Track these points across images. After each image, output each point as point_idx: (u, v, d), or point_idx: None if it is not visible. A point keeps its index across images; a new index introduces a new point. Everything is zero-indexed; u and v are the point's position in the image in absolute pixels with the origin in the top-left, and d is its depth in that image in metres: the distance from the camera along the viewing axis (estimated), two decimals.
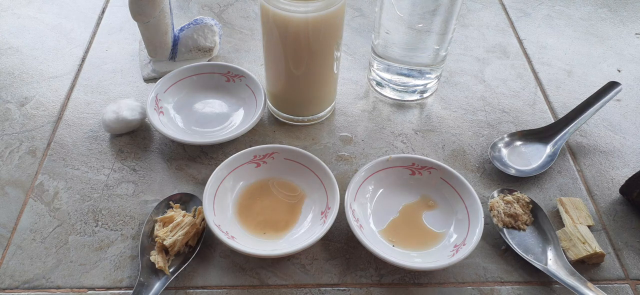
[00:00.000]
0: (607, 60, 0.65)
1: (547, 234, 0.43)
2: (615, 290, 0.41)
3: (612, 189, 0.49)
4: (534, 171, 0.49)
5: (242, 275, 0.41)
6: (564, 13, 0.73)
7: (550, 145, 0.51)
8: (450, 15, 0.49)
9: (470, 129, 0.55)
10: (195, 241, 0.42)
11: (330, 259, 0.42)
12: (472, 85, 0.60)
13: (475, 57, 0.64)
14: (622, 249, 0.44)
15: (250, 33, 0.66)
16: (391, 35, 0.52)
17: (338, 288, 0.41)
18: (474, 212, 0.43)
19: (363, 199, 0.45)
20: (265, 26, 0.46)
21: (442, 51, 0.53)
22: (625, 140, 0.55)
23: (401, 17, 0.50)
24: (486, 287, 0.41)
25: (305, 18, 0.43)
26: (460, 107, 0.57)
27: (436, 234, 0.43)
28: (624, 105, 0.59)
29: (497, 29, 0.69)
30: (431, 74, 0.55)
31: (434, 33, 0.50)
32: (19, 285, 0.40)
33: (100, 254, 0.42)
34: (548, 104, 0.59)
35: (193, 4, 0.70)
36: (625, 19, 0.72)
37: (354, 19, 0.70)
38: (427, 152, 0.52)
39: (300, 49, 0.46)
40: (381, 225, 0.44)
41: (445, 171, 0.46)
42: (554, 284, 0.41)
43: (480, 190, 0.48)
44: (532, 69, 0.63)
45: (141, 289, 0.38)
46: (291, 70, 0.48)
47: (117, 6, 0.70)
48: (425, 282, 0.41)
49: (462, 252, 0.40)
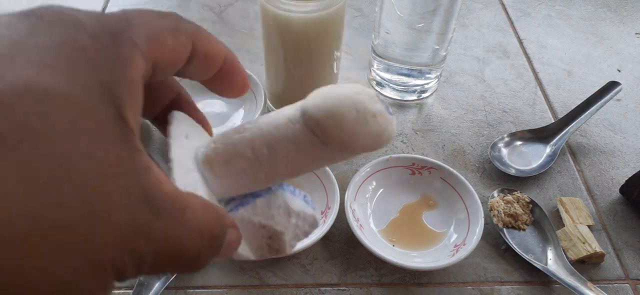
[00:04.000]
0: (607, 60, 0.65)
1: (547, 234, 0.43)
2: (615, 290, 0.41)
3: (612, 188, 0.49)
4: (534, 171, 0.49)
5: (242, 275, 0.41)
6: (564, 13, 0.73)
7: (550, 145, 0.51)
8: (450, 15, 0.49)
9: (470, 129, 0.55)
10: None
11: (330, 259, 0.42)
12: (472, 85, 0.60)
13: (475, 57, 0.64)
14: (622, 249, 0.44)
15: (250, 33, 0.66)
16: (391, 35, 0.52)
17: (338, 288, 0.41)
18: (474, 212, 0.43)
19: (363, 199, 0.45)
20: (265, 26, 0.46)
21: (442, 51, 0.53)
22: (625, 140, 0.55)
23: (401, 17, 0.49)
24: (486, 287, 0.41)
25: (305, 18, 0.43)
26: (460, 107, 0.57)
27: (436, 233, 0.43)
28: (624, 105, 0.59)
29: (497, 29, 0.69)
30: (431, 74, 0.55)
31: (434, 33, 0.50)
32: None
33: None
34: (548, 103, 0.59)
35: (193, 3, 0.70)
36: (625, 18, 0.72)
37: (354, 19, 0.70)
38: (427, 152, 0.52)
39: (300, 49, 0.46)
40: (381, 225, 0.44)
41: (445, 171, 0.46)
42: (554, 284, 0.41)
43: (480, 190, 0.48)
44: (532, 68, 0.63)
45: (141, 289, 0.38)
46: (291, 70, 0.48)
47: (117, 6, 0.70)
48: (425, 282, 0.41)
49: (462, 252, 0.40)
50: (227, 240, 0.18)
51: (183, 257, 0.16)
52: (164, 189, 0.15)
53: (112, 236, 0.13)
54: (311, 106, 0.17)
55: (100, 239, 0.13)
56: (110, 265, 0.13)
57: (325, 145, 0.17)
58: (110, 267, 0.13)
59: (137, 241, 0.14)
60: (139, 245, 0.14)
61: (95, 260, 0.13)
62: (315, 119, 0.17)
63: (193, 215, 0.16)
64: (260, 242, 0.20)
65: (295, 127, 0.17)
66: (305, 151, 0.17)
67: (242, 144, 0.18)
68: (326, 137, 0.17)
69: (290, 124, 0.17)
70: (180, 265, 0.16)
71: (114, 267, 0.13)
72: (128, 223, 0.13)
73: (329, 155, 0.18)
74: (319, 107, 0.17)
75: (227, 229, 0.18)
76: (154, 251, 0.14)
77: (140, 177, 0.14)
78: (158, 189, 0.15)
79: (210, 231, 0.16)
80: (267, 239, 0.20)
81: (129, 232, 0.13)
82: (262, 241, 0.20)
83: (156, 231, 0.14)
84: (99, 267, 0.13)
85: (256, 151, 0.18)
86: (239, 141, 0.18)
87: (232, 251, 0.18)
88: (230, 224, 0.18)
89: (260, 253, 0.20)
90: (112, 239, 0.13)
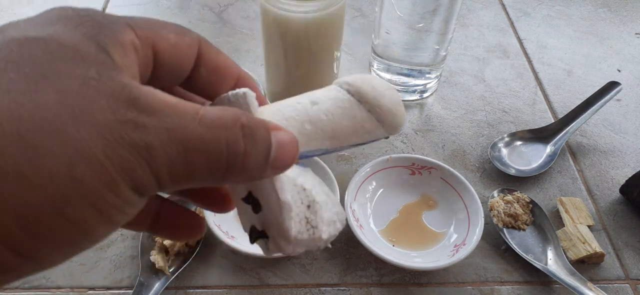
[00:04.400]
0: (607, 60, 0.65)
1: (547, 234, 0.43)
2: (615, 290, 0.41)
3: (612, 188, 0.49)
4: (534, 171, 0.49)
5: (242, 275, 0.41)
6: (564, 13, 0.73)
7: (550, 145, 0.51)
8: (450, 15, 0.49)
9: (470, 129, 0.55)
10: (195, 241, 0.42)
11: (330, 259, 0.42)
12: (472, 85, 0.60)
13: (475, 57, 0.64)
14: (622, 249, 0.44)
15: (250, 33, 0.66)
16: (391, 35, 0.52)
17: (338, 288, 0.41)
18: (474, 212, 0.43)
19: (363, 199, 0.45)
20: (265, 26, 0.46)
21: (442, 51, 0.53)
22: (625, 140, 0.55)
23: (401, 16, 0.49)
24: (486, 287, 0.41)
25: (305, 18, 0.43)
26: (460, 107, 0.57)
27: (436, 233, 0.43)
28: (624, 105, 0.59)
29: (497, 29, 0.69)
30: (431, 74, 0.55)
31: (434, 33, 0.50)
32: (19, 285, 0.40)
33: (100, 254, 0.42)
34: (548, 103, 0.59)
35: (193, 3, 0.70)
36: (625, 19, 0.72)
37: (354, 19, 0.70)
38: (427, 152, 0.52)
39: (300, 49, 0.46)
40: (381, 225, 0.44)
41: (445, 171, 0.46)
42: (554, 284, 0.41)
43: (480, 190, 0.48)
44: (532, 68, 0.63)
45: (141, 289, 0.38)
46: (291, 70, 0.48)
47: (117, 6, 0.70)
48: (425, 282, 0.41)
49: (462, 252, 0.40)
50: (279, 140, 0.17)
51: (210, 151, 0.15)
52: (155, 95, 0.15)
53: (97, 129, 0.13)
54: (347, 78, 0.21)
55: (85, 132, 0.13)
56: (107, 160, 0.13)
57: (360, 104, 0.21)
58: (108, 162, 0.13)
59: (128, 133, 0.14)
60: (132, 137, 0.14)
61: (85, 152, 0.13)
62: (350, 81, 0.21)
63: (207, 111, 0.15)
64: (300, 210, 0.19)
65: (334, 92, 0.21)
66: (343, 107, 0.20)
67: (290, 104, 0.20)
68: (360, 95, 0.21)
69: (330, 90, 0.21)
70: (215, 161, 0.15)
71: (113, 163, 0.14)
72: (114, 119, 0.14)
73: (362, 115, 0.21)
74: (354, 77, 0.21)
75: (265, 126, 0.17)
76: (160, 144, 0.14)
77: (125, 88, 0.14)
78: (146, 94, 0.15)
79: (234, 119, 0.16)
80: (306, 210, 0.19)
81: (115, 125, 0.14)
82: (302, 209, 0.19)
83: (153, 123, 0.14)
84: (92, 159, 0.13)
85: (303, 105, 0.20)
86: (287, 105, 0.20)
87: (290, 157, 0.17)
88: (272, 127, 0.17)
89: (298, 229, 0.19)
90: (97, 132, 0.13)
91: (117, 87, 0.14)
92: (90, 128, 0.13)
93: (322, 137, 0.20)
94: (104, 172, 0.14)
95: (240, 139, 0.16)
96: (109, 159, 0.14)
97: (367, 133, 0.21)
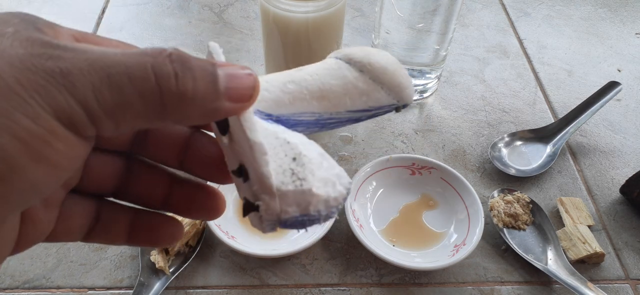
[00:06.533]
0: (607, 60, 0.65)
1: (547, 233, 0.43)
2: (615, 290, 0.41)
3: (612, 188, 0.49)
4: (534, 171, 0.49)
5: (242, 275, 0.41)
6: (564, 13, 0.73)
7: (550, 145, 0.51)
8: (451, 15, 0.49)
9: (471, 129, 0.55)
10: (195, 241, 0.42)
11: (330, 259, 0.42)
12: (472, 85, 0.60)
13: (475, 57, 0.64)
14: (622, 249, 0.44)
15: (250, 33, 0.66)
16: (391, 35, 0.52)
17: (338, 288, 0.41)
18: (474, 212, 0.43)
19: (363, 199, 0.45)
20: (265, 26, 0.46)
21: (442, 51, 0.53)
22: (625, 140, 0.55)
23: (401, 17, 0.50)
24: (486, 287, 0.41)
25: (305, 18, 0.43)
26: (460, 107, 0.57)
27: (436, 233, 0.43)
28: (624, 105, 0.59)
29: (497, 29, 0.69)
30: (431, 74, 0.55)
31: (434, 33, 0.50)
32: (19, 285, 0.40)
33: (100, 254, 0.42)
34: (548, 103, 0.59)
35: (193, 3, 0.70)
36: (625, 19, 0.72)
37: (354, 19, 0.70)
38: (427, 152, 0.52)
39: (300, 49, 0.46)
40: (381, 225, 0.44)
41: (446, 171, 0.46)
42: (554, 284, 0.41)
43: (480, 190, 0.48)
44: (532, 68, 0.63)
45: (141, 289, 0.38)
46: None
47: (117, 6, 0.70)
48: (425, 282, 0.41)
49: (462, 252, 0.40)
50: (229, 72, 0.16)
51: (135, 74, 0.14)
52: (72, 41, 0.15)
53: (6, 60, 0.13)
54: (347, 51, 0.20)
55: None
56: (18, 85, 0.13)
57: (362, 73, 0.20)
58: (19, 87, 0.13)
59: (42, 63, 0.14)
60: (46, 65, 0.14)
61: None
62: (342, 51, 0.20)
63: (126, 45, 0.16)
64: (283, 162, 0.17)
65: (331, 61, 0.20)
66: (331, 68, 0.20)
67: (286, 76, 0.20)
68: (349, 57, 0.20)
69: (326, 61, 0.20)
70: (144, 85, 0.14)
71: (25, 88, 0.13)
72: (24, 53, 0.14)
73: (352, 74, 0.20)
74: (353, 49, 0.20)
75: (208, 61, 0.16)
76: (79, 71, 0.14)
77: (44, 37, 0.14)
78: (67, 41, 0.15)
79: (160, 50, 0.15)
80: (291, 161, 0.17)
81: (26, 57, 0.14)
82: (285, 161, 0.17)
83: (69, 55, 0.14)
84: (4, 89, 0.13)
85: (299, 75, 0.19)
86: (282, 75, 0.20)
87: (246, 86, 0.16)
88: (219, 63, 0.16)
89: (281, 179, 0.17)
90: (6, 62, 0.13)
91: (33, 35, 0.14)
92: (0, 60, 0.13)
93: (309, 97, 0.19)
94: (15, 96, 0.13)
95: (168, 63, 0.15)
96: (20, 84, 0.13)
97: (365, 95, 0.19)
